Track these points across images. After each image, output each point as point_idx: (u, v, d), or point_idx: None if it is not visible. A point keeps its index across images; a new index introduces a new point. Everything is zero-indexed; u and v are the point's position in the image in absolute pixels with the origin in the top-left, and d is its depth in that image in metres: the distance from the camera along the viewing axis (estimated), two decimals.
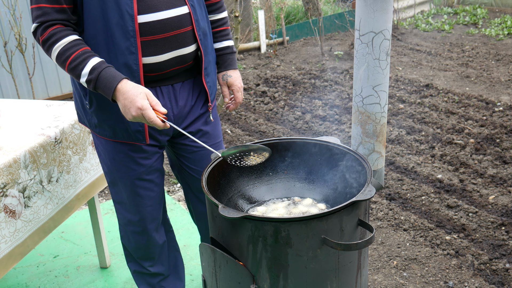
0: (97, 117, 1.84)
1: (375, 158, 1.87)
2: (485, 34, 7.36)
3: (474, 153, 3.92)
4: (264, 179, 1.83)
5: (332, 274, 1.47)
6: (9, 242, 1.91)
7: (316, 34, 7.09)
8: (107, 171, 1.98)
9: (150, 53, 1.73)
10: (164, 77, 1.82)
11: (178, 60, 1.80)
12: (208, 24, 1.91)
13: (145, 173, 1.94)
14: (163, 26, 1.72)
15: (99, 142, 1.94)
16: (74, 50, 1.64)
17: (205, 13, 1.89)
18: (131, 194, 1.97)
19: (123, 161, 1.90)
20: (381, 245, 2.89)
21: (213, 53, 1.96)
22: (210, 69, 1.93)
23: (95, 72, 1.62)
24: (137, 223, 2.03)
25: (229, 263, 1.50)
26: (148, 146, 1.90)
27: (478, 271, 2.64)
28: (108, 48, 1.69)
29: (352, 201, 1.40)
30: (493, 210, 3.16)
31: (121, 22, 1.66)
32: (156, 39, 1.72)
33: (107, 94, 1.62)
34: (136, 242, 2.10)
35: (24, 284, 2.67)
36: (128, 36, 1.67)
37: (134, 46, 1.69)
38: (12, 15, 4.80)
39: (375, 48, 1.71)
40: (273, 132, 4.53)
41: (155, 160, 1.95)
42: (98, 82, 1.62)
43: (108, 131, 1.85)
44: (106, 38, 1.69)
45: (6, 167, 1.88)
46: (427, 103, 4.97)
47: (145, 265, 2.16)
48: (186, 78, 1.90)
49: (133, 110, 1.58)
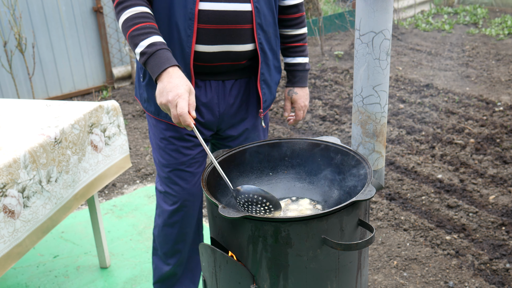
0: (147, 91, 1.87)
1: (375, 158, 1.87)
2: (486, 34, 7.36)
3: (474, 153, 3.92)
4: (264, 179, 1.83)
5: (332, 274, 1.46)
6: (8, 242, 1.91)
7: (316, 34, 7.08)
8: (154, 156, 2.03)
9: (203, 41, 1.75)
10: (215, 71, 1.83)
11: (230, 55, 1.80)
12: (275, 32, 1.89)
13: (186, 163, 1.94)
14: (220, 18, 1.73)
15: (149, 125, 1.99)
16: (142, 20, 1.66)
17: (273, 20, 1.87)
18: (170, 183, 1.98)
19: (166, 148, 1.93)
20: (381, 245, 2.88)
21: (276, 62, 1.94)
22: (270, 76, 1.91)
23: (153, 47, 1.61)
24: (171, 215, 2.03)
25: (229, 263, 1.50)
26: (191, 137, 1.91)
27: (478, 271, 2.63)
28: (169, 25, 1.74)
29: (352, 201, 1.40)
30: (493, 210, 3.16)
31: (183, 3, 1.70)
32: (211, 28, 1.74)
33: (155, 72, 1.60)
34: (165, 236, 2.08)
35: (24, 284, 2.67)
36: (187, 18, 1.71)
37: (191, 29, 1.72)
38: (12, 15, 4.79)
39: (375, 48, 1.71)
40: (273, 132, 4.52)
41: (198, 152, 1.96)
42: (152, 58, 1.61)
43: (154, 108, 1.89)
44: (169, 15, 1.73)
45: (6, 167, 1.88)
46: (427, 103, 4.96)
47: (170, 261, 2.14)
48: (240, 77, 1.89)
49: (172, 94, 1.53)
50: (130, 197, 3.54)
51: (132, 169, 3.93)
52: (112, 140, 2.57)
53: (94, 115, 2.42)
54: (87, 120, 2.37)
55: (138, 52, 1.64)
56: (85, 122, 2.36)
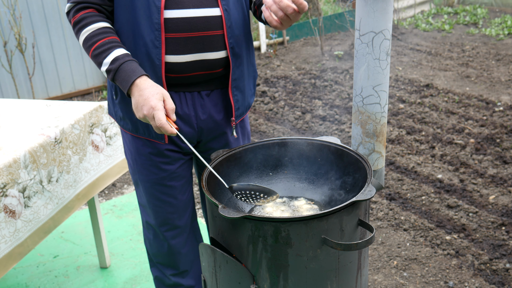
0: (121, 109, 1.81)
1: (375, 158, 1.87)
2: (485, 34, 7.36)
3: (474, 153, 3.92)
4: (264, 179, 1.83)
5: (332, 274, 1.47)
6: (9, 242, 1.91)
7: (316, 34, 7.08)
8: (131, 171, 1.97)
9: (173, 51, 1.67)
10: (188, 82, 1.75)
11: (203, 64, 1.72)
12: (247, 33, 1.81)
13: (167, 178, 1.89)
14: (189, 25, 1.66)
15: (125, 141, 1.93)
16: (101, 37, 1.62)
17: (244, 22, 1.78)
18: (151, 198, 1.93)
19: (145, 163, 1.87)
20: (381, 245, 2.89)
21: (250, 67, 1.88)
22: (242, 82, 1.83)
23: (116, 62, 1.58)
24: (157, 228, 1.99)
25: (229, 263, 1.50)
26: (170, 152, 1.85)
27: (478, 271, 2.64)
28: (134, 39, 1.67)
29: (352, 201, 1.40)
30: (493, 210, 3.16)
31: (147, 14, 1.63)
32: (180, 37, 1.67)
33: (124, 87, 1.57)
34: (157, 248, 2.04)
35: (24, 284, 2.67)
36: (153, 29, 1.64)
37: (158, 40, 1.65)
38: (12, 15, 4.80)
39: (375, 48, 1.71)
40: (273, 132, 4.52)
41: (179, 166, 1.89)
42: (118, 73, 1.58)
43: (130, 125, 1.82)
44: (133, 28, 1.66)
45: (6, 167, 1.88)
46: (427, 103, 4.96)
47: (166, 272, 2.09)
48: (215, 88, 1.81)
49: (146, 108, 1.51)
50: (130, 197, 3.54)
51: None
52: (114, 140, 2.58)
53: (94, 115, 2.42)
54: (87, 120, 2.37)
55: (103, 70, 1.61)
56: (85, 122, 2.36)
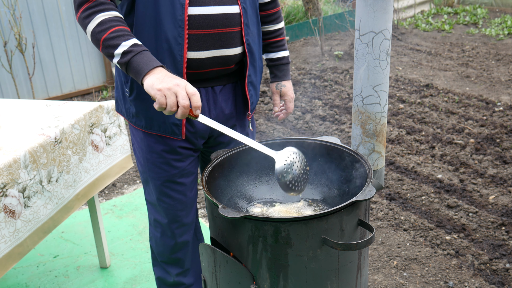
0: (136, 106, 1.81)
1: (375, 158, 1.87)
2: (485, 34, 7.36)
3: (474, 153, 3.92)
4: (264, 179, 1.83)
5: (332, 274, 1.47)
6: (9, 242, 1.91)
7: (316, 34, 7.08)
8: (141, 170, 1.97)
9: (194, 47, 1.70)
10: (205, 77, 1.79)
11: (220, 60, 1.77)
12: (258, 31, 1.87)
13: (177, 175, 1.90)
14: (210, 22, 1.70)
15: (135, 139, 1.92)
16: (119, 24, 1.59)
17: (257, 20, 1.85)
18: (161, 196, 1.94)
19: (156, 161, 1.88)
20: (381, 245, 2.89)
21: (260, 63, 1.93)
22: (255, 77, 1.90)
23: (138, 47, 1.55)
24: (166, 226, 1.99)
25: (229, 263, 1.50)
26: (182, 149, 1.86)
27: (478, 271, 2.64)
28: (156, 35, 1.68)
29: (352, 201, 1.40)
30: (493, 210, 3.16)
31: (171, 10, 1.65)
32: (201, 33, 1.70)
33: (144, 68, 1.51)
34: (164, 246, 2.05)
35: (24, 284, 2.67)
36: (177, 25, 1.66)
37: (181, 36, 1.67)
38: (12, 15, 4.80)
39: (375, 48, 1.71)
40: (273, 132, 4.52)
41: (189, 163, 1.91)
42: (139, 55, 1.53)
43: (144, 122, 1.82)
44: (155, 24, 1.67)
45: (6, 167, 1.88)
46: (427, 103, 4.97)
47: (171, 271, 2.10)
48: (228, 82, 1.86)
49: (172, 82, 1.46)
50: (130, 197, 3.54)
51: (132, 169, 3.93)
52: (113, 140, 2.58)
53: (94, 115, 2.42)
54: (87, 120, 2.37)
55: (121, 51, 1.54)
56: (85, 122, 2.36)
